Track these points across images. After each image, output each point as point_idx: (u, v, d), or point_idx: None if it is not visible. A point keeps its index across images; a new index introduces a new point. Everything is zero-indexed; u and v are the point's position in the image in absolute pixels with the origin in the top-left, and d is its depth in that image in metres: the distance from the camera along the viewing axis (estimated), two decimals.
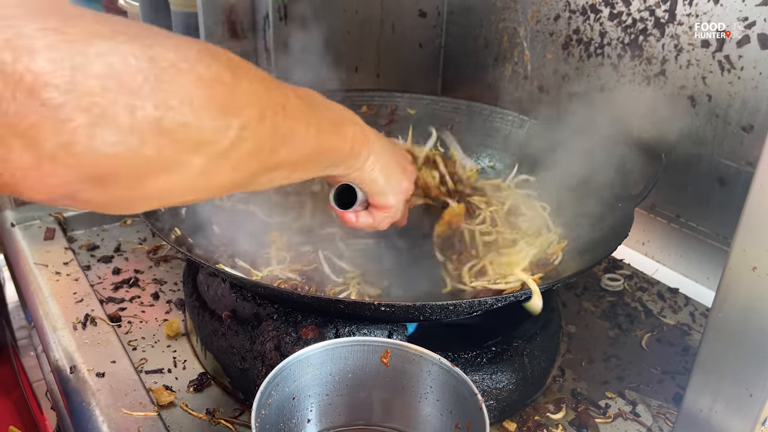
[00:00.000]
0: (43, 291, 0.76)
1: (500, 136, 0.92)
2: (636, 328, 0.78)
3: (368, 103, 0.96)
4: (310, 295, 0.59)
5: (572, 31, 0.96)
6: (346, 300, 0.60)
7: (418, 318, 0.57)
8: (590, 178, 0.79)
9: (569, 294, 0.84)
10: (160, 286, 0.81)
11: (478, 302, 0.55)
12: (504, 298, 0.56)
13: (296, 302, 0.58)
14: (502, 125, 0.93)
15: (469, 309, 0.55)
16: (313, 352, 0.49)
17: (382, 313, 0.52)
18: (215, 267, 0.60)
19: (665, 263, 0.92)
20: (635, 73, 0.89)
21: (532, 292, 0.58)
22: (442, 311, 0.54)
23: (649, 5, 0.85)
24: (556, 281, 0.60)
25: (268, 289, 0.57)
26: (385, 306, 0.51)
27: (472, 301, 0.54)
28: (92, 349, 0.67)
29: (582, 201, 0.77)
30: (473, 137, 0.93)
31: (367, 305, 0.52)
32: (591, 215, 0.74)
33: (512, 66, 1.09)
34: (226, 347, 0.62)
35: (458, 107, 0.96)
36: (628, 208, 0.68)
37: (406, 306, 0.52)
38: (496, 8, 1.09)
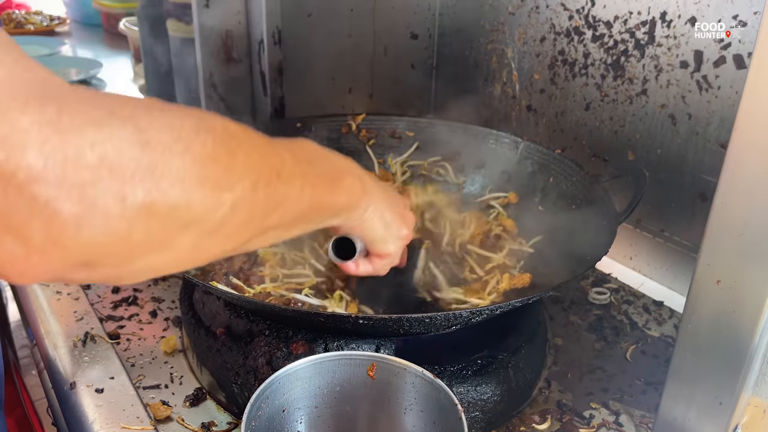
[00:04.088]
0: (44, 310, 0.78)
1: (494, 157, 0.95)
2: (621, 340, 0.80)
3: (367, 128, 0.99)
4: (291, 309, 0.61)
5: (557, 52, 1.00)
6: (326, 313, 0.62)
7: (397, 331, 0.59)
8: (576, 197, 0.82)
9: (557, 307, 0.86)
10: (158, 304, 0.83)
11: (454, 315, 0.57)
12: (480, 312, 0.58)
13: (281, 317, 0.61)
14: (496, 147, 0.95)
15: (445, 322, 0.58)
16: (302, 366, 0.51)
17: (361, 326, 0.54)
18: (208, 284, 0.62)
19: (651, 277, 0.94)
20: (618, 92, 0.92)
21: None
22: (419, 324, 0.57)
23: (629, 27, 0.88)
24: (536, 294, 0.62)
25: (253, 304, 0.59)
26: (363, 319, 0.54)
27: (448, 314, 0.57)
28: (91, 366, 0.70)
29: (568, 219, 0.81)
30: (466, 158, 0.96)
31: (347, 317, 0.55)
32: (576, 232, 0.76)
33: (501, 86, 1.12)
34: (220, 363, 0.65)
35: (454, 129, 0.98)
36: (612, 225, 0.70)
37: (383, 319, 0.55)
38: (485, 30, 1.12)
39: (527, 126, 1.09)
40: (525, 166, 0.91)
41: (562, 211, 0.83)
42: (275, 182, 0.41)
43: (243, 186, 0.38)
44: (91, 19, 1.89)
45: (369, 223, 0.58)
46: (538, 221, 0.85)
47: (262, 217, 0.41)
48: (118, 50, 1.73)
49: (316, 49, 1.12)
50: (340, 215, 0.54)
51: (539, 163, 0.89)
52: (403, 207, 0.65)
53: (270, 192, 0.41)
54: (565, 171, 0.86)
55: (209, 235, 0.37)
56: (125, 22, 1.51)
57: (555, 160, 0.88)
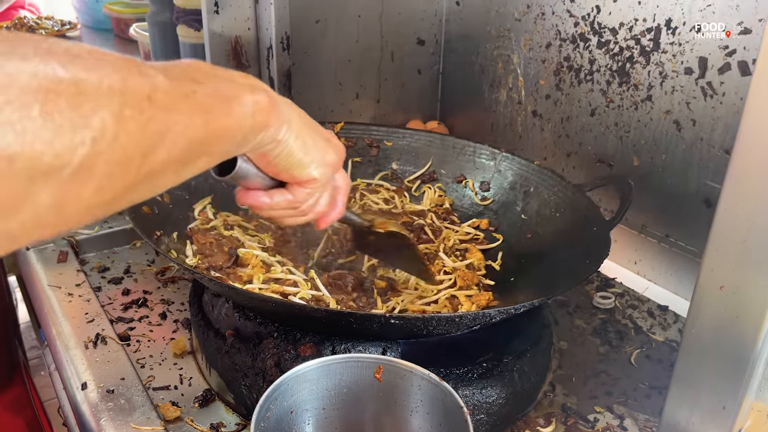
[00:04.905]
0: (56, 312, 0.80)
1: (473, 167, 0.97)
2: (626, 344, 0.81)
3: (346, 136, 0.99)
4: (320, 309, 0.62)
5: (563, 59, 1.00)
6: (359, 313, 0.63)
7: (421, 332, 0.60)
8: (559, 206, 0.84)
9: (562, 312, 0.87)
10: (167, 307, 0.84)
11: (483, 314, 0.58)
12: (505, 311, 0.59)
13: (295, 317, 0.62)
14: (474, 158, 0.97)
15: (472, 322, 0.59)
16: (310, 368, 0.52)
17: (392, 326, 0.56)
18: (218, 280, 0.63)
19: (656, 281, 0.95)
20: (623, 98, 0.93)
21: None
22: (447, 324, 0.58)
23: (634, 34, 0.89)
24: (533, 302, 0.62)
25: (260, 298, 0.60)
26: (395, 319, 0.55)
27: (477, 313, 0.58)
28: (102, 367, 0.71)
29: (558, 228, 0.82)
30: (449, 168, 0.98)
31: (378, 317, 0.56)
32: (567, 241, 0.78)
33: (507, 92, 1.13)
34: (229, 364, 0.66)
35: (433, 140, 1.00)
36: (603, 232, 0.71)
37: (414, 318, 0.56)
38: (491, 36, 1.13)
39: (532, 131, 1.10)
40: (505, 176, 0.93)
41: (547, 221, 0.85)
42: (149, 109, 0.34)
43: (102, 118, 0.31)
44: (102, 24, 1.91)
45: (285, 146, 0.50)
46: (521, 229, 0.87)
47: (142, 156, 0.34)
48: (128, 54, 1.74)
49: (324, 54, 1.13)
50: (249, 140, 0.46)
51: (519, 173, 0.91)
52: (326, 132, 0.57)
53: (144, 122, 0.34)
54: (545, 181, 0.88)
55: (73, 186, 0.31)
56: (135, 27, 1.52)
57: (534, 170, 0.90)
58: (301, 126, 0.51)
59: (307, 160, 0.53)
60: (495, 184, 0.94)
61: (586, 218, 0.78)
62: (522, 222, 0.88)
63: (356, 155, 0.99)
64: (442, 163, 0.98)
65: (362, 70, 1.19)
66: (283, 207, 0.56)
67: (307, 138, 0.52)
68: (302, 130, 0.51)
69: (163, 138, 0.36)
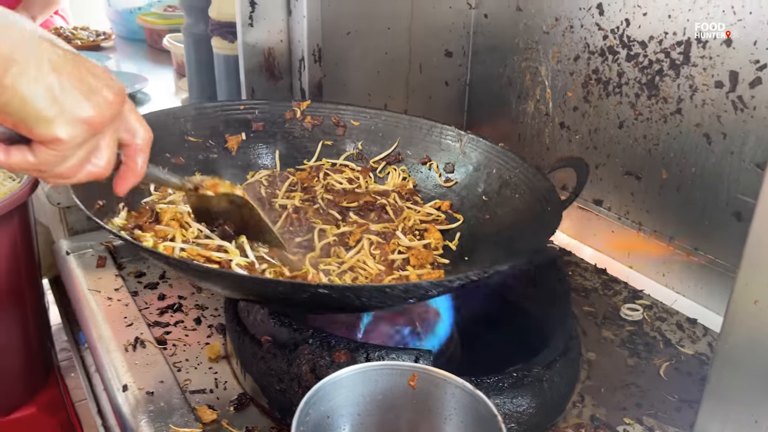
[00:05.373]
0: (97, 315, 0.82)
1: (439, 149, 0.97)
2: (654, 356, 0.81)
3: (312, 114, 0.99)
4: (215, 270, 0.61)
5: (591, 71, 1.01)
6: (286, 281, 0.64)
7: (354, 302, 0.60)
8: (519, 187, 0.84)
9: (589, 322, 0.88)
10: (201, 312, 0.87)
11: (415, 285, 0.59)
12: (439, 283, 0.61)
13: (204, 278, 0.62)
14: (440, 139, 0.97)
15: (405, 294, 0.59)
16: (347, 374, 0.53)
17: (321, 296, 0.57)
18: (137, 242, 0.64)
19: (685, 294, 0.95)
20: (652, 111, 0.93)
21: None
22: (379, 294, 0.59)
23: (664, 47, 0.89)
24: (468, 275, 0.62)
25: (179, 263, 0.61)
26: (323, 288, 0.57)
27: (408, 285, 0.59)
28: (142, 370, 0.73)
29: (517, 208, 0.83)
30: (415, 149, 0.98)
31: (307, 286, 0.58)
32: (523, 221, 0.80)
33: (534, 103, 1.14)
34: (264, 369, 0.67)
35: (399, 121, 0.99)
36: (556, 212, 0.73)
37: (343, 287, 0.59)
38: (519, 49, 1.14)
39: (560, 143, 1.11)
40: (470, 158, 0.93)
41: (506, 201, 0.85)
42: None
43: None
44: (135, 35, 1.96)
45: (18, 91, 0.41)
46: (481, 210, 0.88)
47: None
48: (160, 64, 1.79)
49: (353, 66, 1.15)
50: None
51: (483, 155, 0.91)
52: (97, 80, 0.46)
53: None
54: (507, 163, 0.88)
55: None
56: (169, 38, 1.57)
57: (498, 152, 0.89)
58: (48, 69, 0.42)
59: (49, 114, 0.43)
60: (459, 165, 0.94)
61: (544, 198, 0.78)
62: (482, 203, 0.88)
63: (323, 135, 0.99)
64: (408, 144, 0.98)
65: (390, 81, 1.21)
66: (26, 168, 0.46)
67: (54, 84, 0.42)
68: (50, 76, 0.42)
69: None
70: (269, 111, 0.98)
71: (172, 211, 0.73)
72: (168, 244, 0.68)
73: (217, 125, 0.94)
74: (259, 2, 1.02)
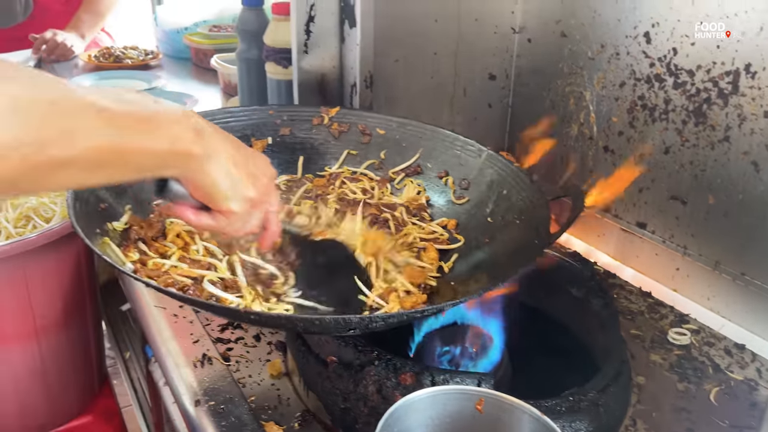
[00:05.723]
0: (163, 331, 0.87)
1: (458, 163, 0.97)
2: (704, 382, 0.83)
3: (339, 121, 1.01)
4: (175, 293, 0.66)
5: (637, 97, 1.03)
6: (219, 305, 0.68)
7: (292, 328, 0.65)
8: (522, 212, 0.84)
9: (636, 345, 0.89)
10: (260, 329, 0.90)
11: (344, 321, 0.61)
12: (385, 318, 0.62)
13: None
14: (461, 153, 0.97)
15: (335, 327, 0.63)
16: (419, 397, 0.56)
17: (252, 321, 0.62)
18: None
19: (731, 319, 0.96)
20: (699, 138, 0.95)
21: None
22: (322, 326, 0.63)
23: (712, 77, 0.91)
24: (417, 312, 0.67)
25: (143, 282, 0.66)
26: (253, 315, 0.62)
27: (338, 319, 0.62)
28: (211, 386, 0.77)
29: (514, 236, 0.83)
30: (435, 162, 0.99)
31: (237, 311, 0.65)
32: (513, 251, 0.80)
33: (578, 127, 1.16)
34: (329, 388, 0.71)
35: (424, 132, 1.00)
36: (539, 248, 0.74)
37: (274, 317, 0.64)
38: (563, 73, 1.17)
39: (603, 165, 1.13)
40: (485, 175, 0.93)
41: (507, 226, 0.85)
42: (48, 111, 0.42)
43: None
44: (181, 54, 2.03)
45: (210, 177, 0.57)
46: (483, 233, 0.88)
47: (38, 146, 0.42)
48: (205, 83, 1.85)
49: (400, 90, 1.19)
50: (170, 163, 0.54)
51: (498, 174, 0.91)
52: (258, 170, 0.63)
53: (39, 119, 0.42)
54: (518, 185, 0.87)
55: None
56: (216, 58, 1.62)
57: (512, 173, 0.89)
58: (228, 163, 0.58)
59: (229, 194, 0.59)
60: (474, 182, 0.94)
61: (535, 229, 0.78)
62: (486, 225, 0.88)
63: (349, 143, 1.00)
64: (430, 156, 0.98)
65: (435, 104, 1.25)
66: (206, 229, 0.63)
67: (233, 173, 0.59)
68: (229, 167, 0.58)
69: (61, 138, 0.43)
70: (297, 116, 1.00)
71: (178, 228, 0.77)
72: (158, 260, 0.73)
73: (246, 129, 0.96)
74: (314, 30, 1.06)
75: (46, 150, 0.43)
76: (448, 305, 0.67)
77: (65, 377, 1.15)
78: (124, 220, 0.77)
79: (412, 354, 0.84)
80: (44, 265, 1.05)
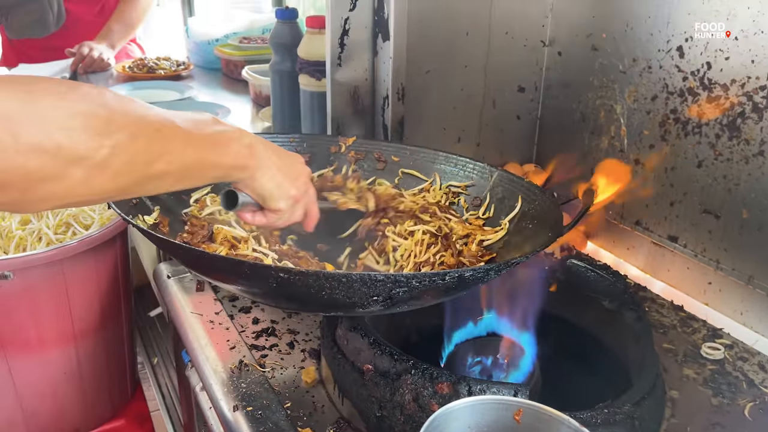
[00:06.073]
0: (200, 338, 0.89)
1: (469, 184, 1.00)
2: (738, 397, 0.82)
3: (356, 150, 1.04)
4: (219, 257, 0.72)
5: (669, 111, 1.03)
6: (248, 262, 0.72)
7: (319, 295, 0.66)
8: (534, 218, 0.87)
9: (669, 359, 0.89)
10: (294, 336, 0.92)
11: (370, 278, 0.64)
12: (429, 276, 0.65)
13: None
14: (472, 174, 1.00)
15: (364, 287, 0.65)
16: (459, 407, 0.57)
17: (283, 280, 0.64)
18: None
19: (765, 334, 0.95)
20: (733, 152, 0.95)
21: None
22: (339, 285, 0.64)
23: (746, 91, 0.91)
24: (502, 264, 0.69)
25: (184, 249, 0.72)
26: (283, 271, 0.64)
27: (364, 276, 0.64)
28: (248, 392, 0.78)
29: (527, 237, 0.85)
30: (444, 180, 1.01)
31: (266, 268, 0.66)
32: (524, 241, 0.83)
33: (609, 140, 1.16)
34: (365, 396, 0.72)
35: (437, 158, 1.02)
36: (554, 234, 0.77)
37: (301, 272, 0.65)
38: (593, 86, 1.17)
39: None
40: (496, 192, 0.96)
41: (520, 231, 0.88)
42: (155, 137, 0.55)
43: (121, 135, 0.51)
44: (212, 65, 2.07)
45: (259, 183, 0.70)
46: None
47: (145, 164, 0.55)
48: (235, 93, 1.88)
49: (431, 102, 1.21)
50: (232, 174, 0.67)
51: (509, 190, 0.94)
52: (296, 172, 0.75)
53: (149, 143, 0.54)
54: (529, 196, 0.90)
55: (96, 169, 0.50)
56: (248, 69, 1.65)
57: (523, 187, 0.92)
58: (274, 170, 0.71)
59: (275, 195, 0.72)
60: (487, 200, 0.96)
61: (549, 226, 0.81)
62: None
63: (366, 171, 1.03)
64: (444, 179, 1.01)
65: (465, 115, 1.26)
66: (261, 225, 0.76)
67: (278, 178, 0.72)
68: (275, 174, 0.71)
69: (161, 156, 0.56)
70: (317, 144, 1.04)
71: (226, 233, 0.83)
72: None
73: None
74: (348, 43, 1.08)
75: (149, 167, 0.55)
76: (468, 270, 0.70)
77: (100, 381, 1.18)
78: (154, 216, 0.83)
79: (443, 364, 0.85)
80: (83, 271, 1.08)
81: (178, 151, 0.58)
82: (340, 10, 1.07)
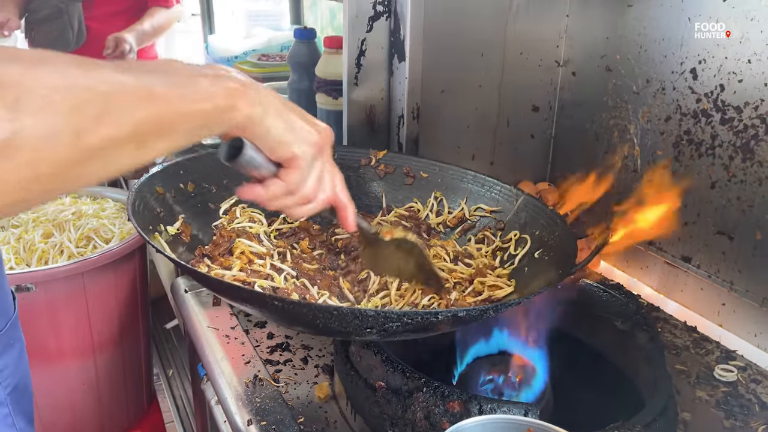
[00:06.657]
0: (216, 352, 0.90)
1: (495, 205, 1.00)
2: (751, 419, 0.82)
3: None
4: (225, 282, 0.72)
5: (683, 132, 1.04)
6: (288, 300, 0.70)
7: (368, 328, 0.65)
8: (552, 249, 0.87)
9: (682, 381, 0.89)
10: (308, 352, 0.93)
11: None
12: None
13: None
14: (499, 197, 1.00)
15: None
16: (469, 425, 0.58)
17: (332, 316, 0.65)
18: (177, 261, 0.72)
19: None
20: (747, 173, 0.95)
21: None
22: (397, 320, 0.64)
23: (760, 113, 0.92)
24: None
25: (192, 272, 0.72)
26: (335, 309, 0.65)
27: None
28: (263, 406, 0.80)
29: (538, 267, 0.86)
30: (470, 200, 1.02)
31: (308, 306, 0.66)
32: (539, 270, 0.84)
33: (622, 159, 1.17)
34: (377, 413, 0.73)
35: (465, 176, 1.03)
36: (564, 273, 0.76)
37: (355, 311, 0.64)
38: (607, 106, 1.18)
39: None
40: (519, 217, 0.96)
41: (537, 262, 0.88)
42: (85, 95, 0.41)
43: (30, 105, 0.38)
44: None
45: (262, 125, 0.55)
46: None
47: (74, 132, 0.41)
48: None
49: (445, 121, 1.22)
50: (218, 121, 0.52)
51: (532, 216, 0.94)
52: (313, 120, 0.62)
53: (77, 104, 0.41)
54: (550, 225, 0.90)
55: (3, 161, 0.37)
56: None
57: (546, 214, 0.92)
58: (281, 109, 0.58)
59: (288, 138, 0.58)
60: (510, 223, 0.97)
61: (561, 262, 0.81)
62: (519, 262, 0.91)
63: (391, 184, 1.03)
64: (471, 200, 1.01)
65: (479, 134, 1.27)
66: (280, 194, 0.61)
67: (289, 119, 0.58)
68: (282, 112, 0.58)
69: (102, 119, 0.42)
70: (348, 157, 1.04)
71: (243, 246, 0.83)
72: (220, 271, 0.78)
73: None
74: (364, 63, 1.11)
75: (83, 138, 0.41)
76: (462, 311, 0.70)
77: (117, 392, 1.20)
78: (177, 225, 0.84)
79: (455, 382, 0.85)
80: (103, 284, 1.10)
81: (127, 109, 0.44)
82: (357, 32, 1.09)
